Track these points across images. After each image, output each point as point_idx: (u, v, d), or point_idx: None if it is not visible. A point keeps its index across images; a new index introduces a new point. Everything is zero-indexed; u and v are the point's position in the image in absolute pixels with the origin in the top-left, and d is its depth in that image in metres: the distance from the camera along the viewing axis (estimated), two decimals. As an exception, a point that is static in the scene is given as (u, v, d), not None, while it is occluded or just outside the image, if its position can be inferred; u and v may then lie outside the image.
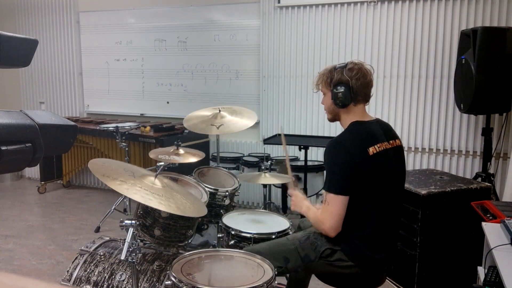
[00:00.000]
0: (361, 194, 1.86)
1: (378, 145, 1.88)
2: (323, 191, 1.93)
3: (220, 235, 2.47)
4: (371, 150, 1.85)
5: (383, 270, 1.99)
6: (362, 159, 1.83)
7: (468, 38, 3.27)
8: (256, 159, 4.21)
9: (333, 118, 2.05)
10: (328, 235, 1.88)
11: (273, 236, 2.28)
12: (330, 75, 1.97)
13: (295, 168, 3.90)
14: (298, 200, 2.10)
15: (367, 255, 1.89)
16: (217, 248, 2.21)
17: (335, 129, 4.12)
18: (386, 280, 2.08)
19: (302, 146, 3.48)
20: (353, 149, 1.84)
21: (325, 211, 1.86)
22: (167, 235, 2.22)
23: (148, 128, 4.44)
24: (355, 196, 1.85)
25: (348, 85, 1.90)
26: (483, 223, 2.20)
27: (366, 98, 1.97)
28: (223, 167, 3.32)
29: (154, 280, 2.01)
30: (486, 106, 3.28)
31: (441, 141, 3.92)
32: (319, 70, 2.06)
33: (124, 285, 2.01)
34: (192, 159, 2.84)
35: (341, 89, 1.91)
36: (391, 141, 1.96)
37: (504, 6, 3.57)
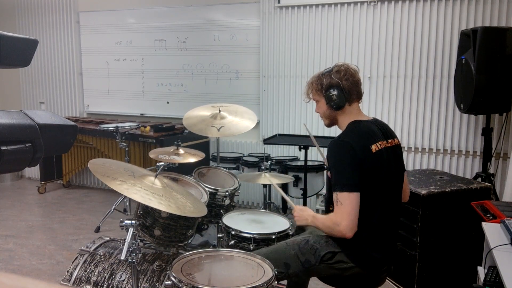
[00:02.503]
0: (364, 193, 1.86)
1: (379, 143, 1.89)
2: (333, 193, 1.86)
3: (220, 235, 2.47)
4: (374, 147, 1.86)
5: (384, 270, 1.99)
6: (365, 156, 1.83)
7: (468, 38, 3.27)
8: (256, 159, 4.21)
9: (331, 122, 2.06)
10: (345, 236, 1.81)
11: (273, 236, 2.28)
12: (319, 82, 1.99)
13: (295, 168, 3.90)
14: (301, 213, 2.04)
15: (368, 255, 1.89)
16: (217, 248, 2.21)
17: (335, 129, 4.12)
18: (386, 280, 2.08)
19: (302, 146, 3.48)
20: (357, 147, 1.84)
21: (339, 211, 1.81)
22: (167, 235, 2.22)
23: (148, 128, 4.44)
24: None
25: (340, 87, 1.93)
26: (483, 223, 2.20)
27: (359, 96, 1.99)
28: (223, 167, 3.32)
29: (154, 280, 2.01)
30: (486, 106, 3.28)
31: (441, 141, 3.92)
32: (314, 74, 2.07)
33: (124, 285, 2.01)
34: (192, 159, 2.84)
35: (334, 91, 1.94)
36: (389, 140, 1.96)
37: (504, 6, 3.57)
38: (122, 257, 1.71)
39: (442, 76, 3.85)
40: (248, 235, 2.28)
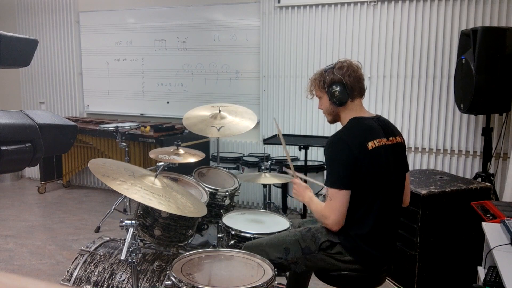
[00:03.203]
0: (361, 190, 1.87)
1: (377, 140, 1.89)
2: (325, 187, 1.94)
3: (220, 235, 2.48)
4: (370, 144, 1.86)
5: (383, 270, 1.99)
6: (361, 154, 1.84)
7: (468, 38, 3.27)
8: (256, 159, 4.21)
9: (333, 119, 2.07)
10: (332, 229, 1.91)
11: (273, 236, 2.28)
12: (322, 78, 2.00)
13: (295, 168, 3.89)
14: (301, 189, 2.12)
15: (366, 251, 1.90)
16: (217, 248, 2.21)
17: (335, 129, 4.12)
18: (386, 280, 2.08)
19: (302, 146, 3.48)
20: (353, 144, 1.86)
21: (328, 206, 1.89)
22: (167, 235, 2.22)
23: (148, 128, 4.44)
24: (355, 192, 1.87)
25: (342, 83, 1.94)
26: (483, 223, 2.20)
27: (361, 92, 2.00)
28: (223, 167, 3.32)
29: (154, 280, 2.01)
30: (486, 106, 3.28)
31: (441, 141, 3.92)
32: (317, 70, 2.07)
33: (124, 285, 2.01)
34: (192, 159, 2.84)
35: (336, 88, 1.94)
36: (390, 138, 1.96)
37: (504, 6, 3.57)
38: (122, 257, 1.71)
39: (442, 76, 3.85)
40: (248, 235, 2.28)
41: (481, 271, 2.14)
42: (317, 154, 4.31)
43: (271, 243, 1.96)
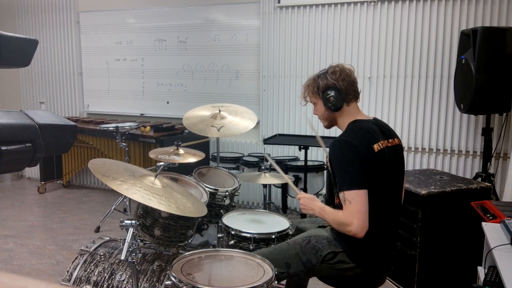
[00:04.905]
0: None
1: (381, 142, 1.88)
2: (340, 193, 1.83)
3: (220, 235, 2.47)
4: (376, 147, 1.85)
5: (384, 270, 1.99)
6: (368, 156, 1.82)
7: (468, 38, 3.27)
8: (256, 159, 4.21)
9: (330, 124, 2.05)
10: (357, 235, 1.77)
11: (273, 236, 2.28)
12: (315, 84, 1.98)
13: (295, 168, 3.90)
14: (309, 201, 2.00)
15: (369, 255, 1.89)
16: (217, 248, 2.20)
17: (335, 129, 4.12)
18: (386, 280, 2.08)
19: (302, 146, 3.48)
20: (359, 145, 1.83)
21: (349, 211, 1.77)
22: (167, 235, 2.22)
23: (148, 128, 4.44)
24: None
25: (336, 87, 1.92)
26: (483, 223, 2.20)
27: (356, 96, 1.99)
28: (223, 167, 3.32)
29: (154, 280, 2.01)
30: (486, 106, 3.28)
31: (441, 141, 3.92)
32: (310, 76, 2.07)
33: (124, 285, 2.01)
34: (192, 159, 2.84)
35: (331, 93, 1.93)
36: (390, 140, 1.96)
37: (504, 6, 3.57)
38: (122, 257, 1.71)
39: (442, 76, 3.85)
40: (248, 235, 2.28)
41: (481, 271, 2.14)
42: (317, 154, 4.31)
43: (272, 258, 1.90)
